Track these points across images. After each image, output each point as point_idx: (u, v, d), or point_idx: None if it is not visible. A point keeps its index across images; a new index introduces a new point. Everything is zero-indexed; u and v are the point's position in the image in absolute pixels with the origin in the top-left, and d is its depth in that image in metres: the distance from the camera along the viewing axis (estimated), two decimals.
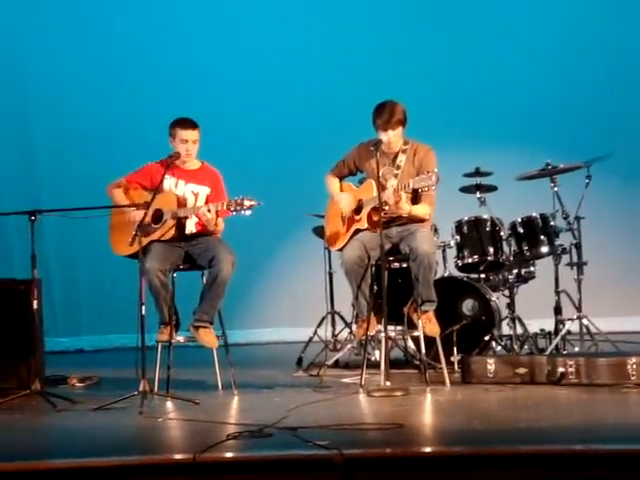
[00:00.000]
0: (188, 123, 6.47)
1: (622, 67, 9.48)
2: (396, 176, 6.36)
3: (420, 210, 6.33)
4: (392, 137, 6.32)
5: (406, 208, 6.23)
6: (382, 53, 9.78)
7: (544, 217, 7.27)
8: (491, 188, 7.66)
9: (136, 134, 9.57)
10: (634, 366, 5.87)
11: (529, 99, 9.56)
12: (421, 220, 6.38)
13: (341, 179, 6.70)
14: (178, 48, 10.06)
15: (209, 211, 6.24)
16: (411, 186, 6.13)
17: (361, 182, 6.79)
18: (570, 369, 6.01)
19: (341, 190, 6.64)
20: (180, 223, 6.41)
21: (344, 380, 6.71)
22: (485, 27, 9.76)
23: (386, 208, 6.24)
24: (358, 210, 6.45)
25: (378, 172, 6.17)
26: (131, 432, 5.12)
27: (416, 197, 6.35)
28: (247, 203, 6.12)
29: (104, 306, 9.87)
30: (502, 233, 7.28)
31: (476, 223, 7.35)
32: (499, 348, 7.12)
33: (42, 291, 6.42)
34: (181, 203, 6.43)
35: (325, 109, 9.68)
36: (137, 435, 5.05)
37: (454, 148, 8.24)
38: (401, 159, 6.41)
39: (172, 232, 6.38)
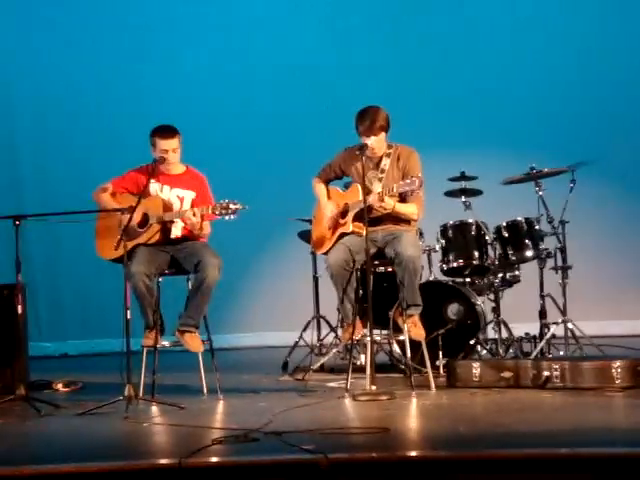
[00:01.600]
0: (166, 132, 6.43)
1: (607, 70, 9.51)
2: (380, 180, 6.38)
3: (406, 208, 6.33)
4: (374, 143, 6.33)
5: (390, 203, 6.22)
6: (368, 58, 9.79)
7: (529, 221, 7.29)
8: (476, 192, 7.67)
9: (121, 139, 9.55)
10: (618, 369, 5.89)
11: (513, 103, 9.58)
12: (408, 221, 6.40)
13: (327, 182, 6.70)
14: (162, 51, 10.05)
15: (194, 215, 6.24)
16: (395, 191, 6.15)
17: (347, 186, 6.79)
18: (555, 373, 6.02)
19: (328, 194, 6.64)
20: (165, 227, 6.39)
21: (330, 384, 6.71)
22: (469, 32, 9.79)
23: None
24: (344, 214, 6.46)
25: (364, 176, 6.18)
26: (116, 437, 5.10)
27: (403, 200, 6.36)
28: (232, 207, 6.11)
29: (89, 311, 9.85)
30: (487, 237, 7.29)
31: (461, 227, 7.35)
32: (484, 352, 7.14)
33: (26, 296, 6.41)
34: (167, 207, 6.42)
35: (312, 113, 9.69)
36: (122, 440, 5.04)
37: (439, 152, 8.26)
38: (385, 163, 6.42)
39: (157, 236, 6.37)
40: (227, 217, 6.13)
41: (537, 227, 7.27)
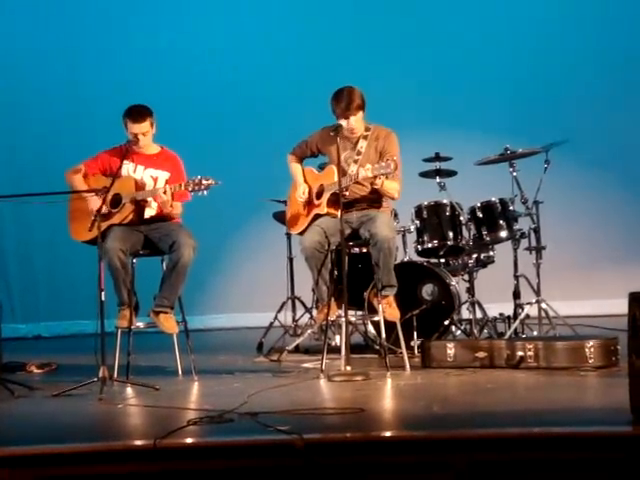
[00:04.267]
0: (136, 116, 6.38)
1: (580, 52, 9.54)
2: (356, 162, 6.37)
3: (390, 185, 6.29)
4: (353, 123, 6.31)
5: (378, 180, 6.17)
6: (343, 37, 9.77)
7: (503, 202, 7.31)
8: (451, 173, 7.68)
9: (94, 120, 9.50)
10: (591, 349, 5.93)
11: (488, 83, 9.60)
12: (382, 202, 6.38)
13: (302, 160, 6.67)
14: (137, 30, 10.00)
15: (165, 192, 6.22)
16: (370, 174, 6.09)
17: (321, 167, 6.78)
18: (529, 353, 6.05)
19: (303, 176, 6.61)
20: (139, 207, 6.37)
21: (305, 365, 6.72)
22: (446, 12, 9.78)
23: (346, 193, 6.28)
24: (319, 195, 6.45)
25: (339, 157, 6.17)
26: (91, 418, 5.09)
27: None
28: (205, 182, 6.09)
29: (62, 292, 9.81)
30: (462, 218, 7.31)
31: (436, 208, 7.36)
32: (459, 332, 7.17)
33: None
34: (139, 187, 6.38)
35: (287, 93, 9.66)
36: (97, 421, 5.02)
37: (414, 133, 8.25)
38: (362, 145, 6.40)
39: (131, 216, 6.34)
40: (200, 193, 6.12)
41: (511, 208, 7.29)
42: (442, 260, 7.45)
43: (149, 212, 6.40)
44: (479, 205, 7.33)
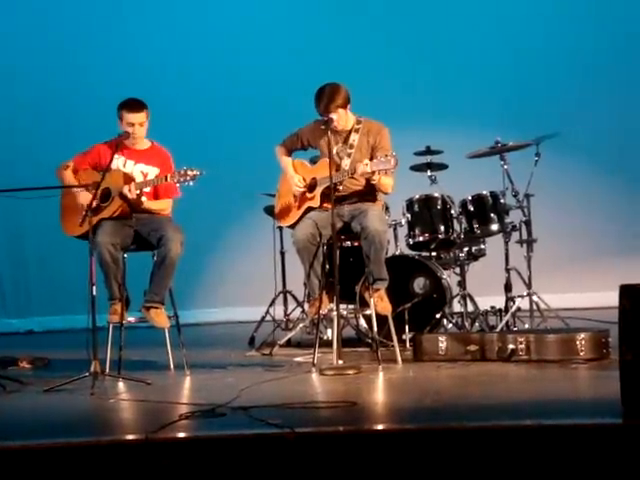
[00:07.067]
0: (134, 106, 6.40)
1: (571, 46, 9.54)
2: (349, 155, 6.36)
3: (386, 180, 6.29)
4: (335, 119, 6.30)
5: (376, 176, 6.18)
6: (334, 30, 9.75)
7: (494, 195, 7.32)
8: (442, 166, 7.69)
9: (86, 114, 9.48)
10: (583, 342, 5.94)
11: (479, 77, 9.60)
12: (374, 196, 6.39)
13: (291, 152, 6.66)
14: (130, 26, 9.98)
15: (129, 191, 6.22)
16: (369, 169, 6.08)
17: (313, 160, 6.77)
18: (520, 346, 6.06)
19: (294, 168, 6.60)
20: (128, 200, 6.35)
21: (296, 359, 6.72)
22: (437, 5, 9.77)
23: (340, 187, 6.27)
24: (311, 188, 6.44)
25: (330, 151, 6.16)
26: (82, 413, 5.08)
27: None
28: (190, 173, 6.11)
29: (54, 287, 9.79)
30: (453, 211, 7.32)
31: (427, 201, 7.37)
32: (450, 326, 7.18)
33: None
34: (128, 180, 6.37)
35: (279, 87, 9.64)
36: (88, 416, 5.02)
37: (404, 126, 8.24)
38: (354, 138, 6.39)
39: (120, 210, 6.33)
40: (186, 184, 6.14)
41: (502, 201, 7.30)
42: (433, 253, 7.46)
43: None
44: (470, 198, 7.34)
